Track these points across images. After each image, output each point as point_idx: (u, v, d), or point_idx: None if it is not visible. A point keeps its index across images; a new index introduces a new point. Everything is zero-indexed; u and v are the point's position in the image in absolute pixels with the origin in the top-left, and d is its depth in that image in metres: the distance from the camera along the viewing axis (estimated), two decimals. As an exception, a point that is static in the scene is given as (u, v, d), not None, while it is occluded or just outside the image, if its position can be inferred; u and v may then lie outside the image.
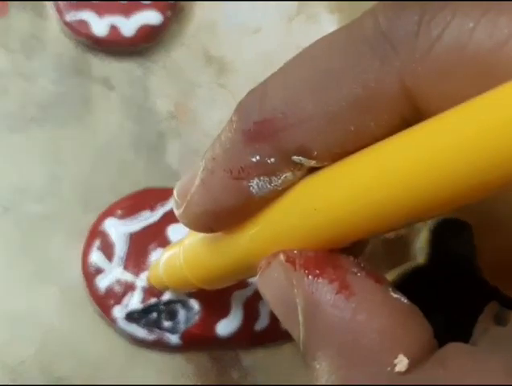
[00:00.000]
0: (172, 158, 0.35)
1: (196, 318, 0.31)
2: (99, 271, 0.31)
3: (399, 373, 0.15)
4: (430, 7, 0.14)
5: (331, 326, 0.16)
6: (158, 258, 0.29)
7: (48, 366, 0.31)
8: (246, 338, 0.32)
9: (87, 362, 0.31)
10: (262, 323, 0.32)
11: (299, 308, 0.16)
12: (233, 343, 0.32)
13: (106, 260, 0.31)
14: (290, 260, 0.17)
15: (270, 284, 0.17)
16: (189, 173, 0.19)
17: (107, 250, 0.31)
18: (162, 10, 0.35)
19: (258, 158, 0.16)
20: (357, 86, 0.15)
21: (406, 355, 0.15)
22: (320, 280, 0.16)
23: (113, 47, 0.35)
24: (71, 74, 0.35)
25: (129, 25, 0.34)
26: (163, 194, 0.33)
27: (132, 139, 0.34)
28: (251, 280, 0.32)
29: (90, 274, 0.31)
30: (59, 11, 0.34)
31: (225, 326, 0.31)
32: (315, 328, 0.16)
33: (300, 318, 0.16)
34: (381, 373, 0.15)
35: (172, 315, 0.31)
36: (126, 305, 0.31)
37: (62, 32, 0.35)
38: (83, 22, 0.34)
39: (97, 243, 0.32)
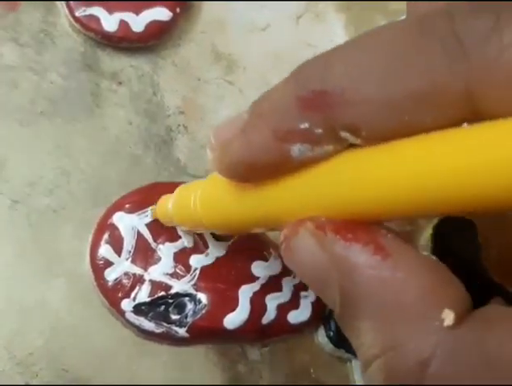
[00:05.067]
0: (180, 153, 0.35)
1: (204, 311, 0.32)
2: (107, 264, 0.31)
3: (448, 327, 0.15)
4: (505, 15, 0.14)
5: (370, 286, 0.16)
6: (169, 195, 0.29)
7: (56, 358, 0.31)
8: (253, 331, 0.32)
9: (95, 354, 0.32)
10: (268, 317, 0.32)
11: (333, 273, 0.16)
12: (239, 337, 0.32)
13: (115, 254, 0.32)
14: (319, 226, 0.17)
15: (299, 252, 0.17)
16: (229, 120, 0.19)
17: (116, 244, 0.32)
18: (171, 7, 0.35)
19: (306, 125, 0.16)
20: (423, 81, 0.15)
21: (450, 309, 0.15)
22: (355, 243, 0.16)
23: (123, 42, 0.35)
24: (80, 69, 0.35)
25: (138, 21, 0.35)
26: (171, 188, 0.33)
27: (140, 134, 0.35)
28: (258, 274, 0.32)
29: (99, 267, 0.32)
30: (69, 6, 0.35)
31: (233, 320, 0.32)
32: (354, 291, 0.16)
33: (335, 282, 0.16)
34: (430, 328, 0.15)
35: (180, 308, 0.32)
36: (134, 298, 0.31)
37: (71, 27, 0.35)
38: (93, 18, 0.35)
39: (106, 236, 0.32)
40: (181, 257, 0.32)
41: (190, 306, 0.32)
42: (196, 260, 0.32)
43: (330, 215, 0.17)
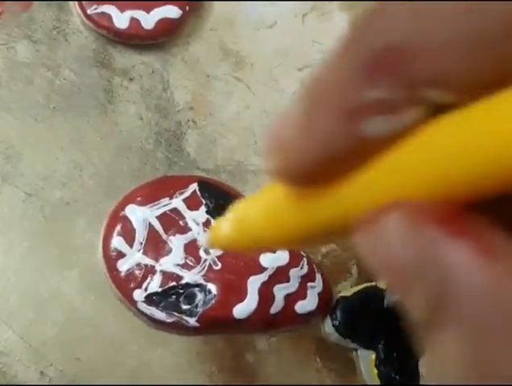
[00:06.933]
0: (190, 148, 0.36)
1: (213, 301, 0.32)
2: (120, 255, 0.32)
3: None
4: None
5: (469, 293, 0.13)
6: (221, 218, 0.26)
7: (70, 347, 0.32)
8: (262, 321, 0.33)
9: (107, 343, 0.32)
10: (276, 307, 0.33)
11: (424, 271, 0.13)
12: (248, 327, 0.33)
13: (127, 245, 0.32)
14: (415, 211, 0.13)
15: (382, 240, 0.14)
16: (283, 116, 0.15)
17: (128, 235, 0.32)
18: (181, 5, 0.36)
19: (376, 93, 0.13)
20: None
21: None
22: (457, 239, 0.13)
23: (134, 39, 0.36)
24: (92, 65, 0.36)
25: (149, 18, 0.36)
26: (182, 181, 0.34)
27: (151, 129, 0.35)
28: (266, 265, 0.33)
29: (111, 258, 0.32)
30: (81, 4, 0.36)
31: (242, 310, 0.32)
32: (447, 295, 0.13)
33: (425, 282, 0.13)
34: None
35: (190, 299, 0.32)
36: (146, 289, 0.32)
37: (83, 25, 0.36)
38: (104, 15, 0.35)
39: (118, 228, 0.33)
40: (191, 249, 0.33)
41: (200, 297, 0.32)
42: (206, 252, 0.33)
43: (425, 199, 0.14)
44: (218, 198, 0.34)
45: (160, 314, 0.32)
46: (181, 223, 0.33)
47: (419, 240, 0.13)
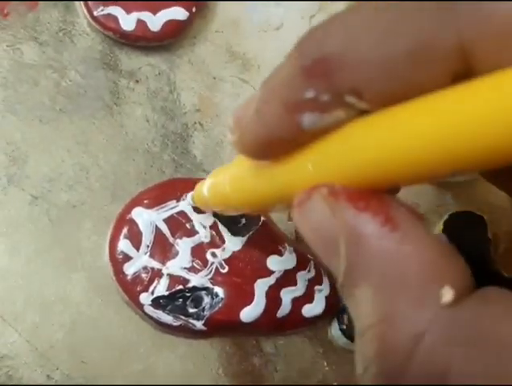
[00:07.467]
0: (196, 150, 0.36)
1: (220, 305, 0.32)
2: (126, 258, 0.32)
3: (444, 304, 0.15)
4: None
5: (375, 256, 0.16)
6: (204, 181, 0.29)
7: (76, 351, 0.32)
8: (269, 325, 0.33)
9: (114, 347, 0.32)
10: (283, 311, 0.33)
11: (341, 240, 0.16)
12: (255, 330, 0.33)
13: (133, 249, 0.32)
14: (333, 193, 0.17)
15: (310, 216, 0.18)
16: (245, 101, 0.19)
17: (134, 238, 0.32)
18: (187, 7, 0.36)
19: (312, 93, 0.16)
20: (416, 37, 0.15)
21: (451, 287, 0.15)
22: (365, 212, 0.16)
23: (140, 41, 0.36)
24: (98, 67, 0.36)
25: (155, 20, 0.35)
26: (188, 184, 0.34)
27: (158, 131, 0.35)
28: (274, 268, 0.33)
29: (118, 261, 0.32)
30: (88, 6, 0.35)
31: (249, 313, 0.32)
32: (359, 259, 0.16)
33: (342, 249, 0.16)
34: (428, 303, 0.15)
35: (197, 302, 0.32)
36: (153, 292, 0.32)
37: (89, 26, 0.36)
38: (111, 17, 0.35)
39: (125, 231, 0.32)
40: (198, 252, 0.33)
41: (207, 300, 0.32)
42: (213, 255, 0.33)
43: (344, 183, 0.17)
44: (225, 200, 0.34)
45: (167, 318, 0.32)
46: (188, 226, 0.33)
47: (334, 215, 0.17)
